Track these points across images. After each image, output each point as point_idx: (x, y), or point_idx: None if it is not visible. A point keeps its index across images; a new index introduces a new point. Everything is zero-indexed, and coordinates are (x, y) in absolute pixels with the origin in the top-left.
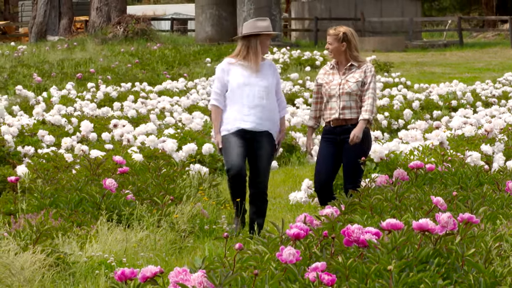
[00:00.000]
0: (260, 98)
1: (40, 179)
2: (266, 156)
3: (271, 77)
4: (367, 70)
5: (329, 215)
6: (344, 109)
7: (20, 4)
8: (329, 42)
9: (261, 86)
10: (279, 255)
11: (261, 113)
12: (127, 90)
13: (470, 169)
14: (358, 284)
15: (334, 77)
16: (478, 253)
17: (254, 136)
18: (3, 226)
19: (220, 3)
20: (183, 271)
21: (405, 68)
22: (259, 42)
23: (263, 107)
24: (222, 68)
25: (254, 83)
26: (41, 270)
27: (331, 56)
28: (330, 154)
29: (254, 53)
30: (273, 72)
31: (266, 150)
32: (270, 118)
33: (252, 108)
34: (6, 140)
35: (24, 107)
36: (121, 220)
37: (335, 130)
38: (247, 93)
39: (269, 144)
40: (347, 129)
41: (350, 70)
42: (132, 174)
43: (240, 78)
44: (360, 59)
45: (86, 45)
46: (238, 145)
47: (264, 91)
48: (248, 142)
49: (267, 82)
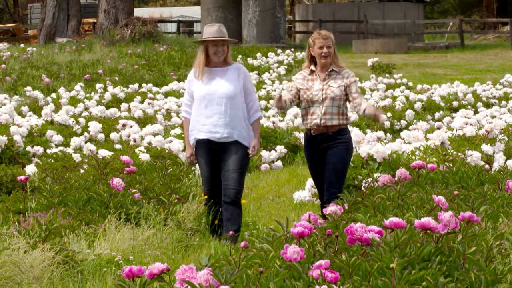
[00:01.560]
0: (219, 106)
1: (49, 178)
2: (234, 164)
3: (236, 82)
4: (350, 76)
5: (333, 213)
6: (325, 114)
7: (30, 7)
8: (328, 45)
9: (221, 93)
10: (284, 253)
11: (223, 121)
12: (134, 91)
13: (471, 169)
14: (361, 282)
15: (314, 83)
16: (479, 251)
17: (220, 145)
18: (12, 225)
19: (226, 5)
20: (189, 268)
21: (407, 69)
22: (203, 49)
23: (224, 115)
24: (189, 79)
25: (213, 91)
26: (50, 268)
27: (326, 61)
28: (319, 163)
29: (198, 61)
30: (238, 76)
31: (234, 158)
32: (235, 125)
33: (209, 118)
34: (15, 140)
35: (33, 108)
36: (128, 219)
37: (316, 139)
38: (205, 103)
39: (237, 151)
40: (329, 136)
41: (331, 75)
42: (139, 174)
43: (200, 87)
44: (341, 64)
45: (94, 47)
46: (206, 165)
47: (225, 97)
48: (217, 152)
49: (228, 88)
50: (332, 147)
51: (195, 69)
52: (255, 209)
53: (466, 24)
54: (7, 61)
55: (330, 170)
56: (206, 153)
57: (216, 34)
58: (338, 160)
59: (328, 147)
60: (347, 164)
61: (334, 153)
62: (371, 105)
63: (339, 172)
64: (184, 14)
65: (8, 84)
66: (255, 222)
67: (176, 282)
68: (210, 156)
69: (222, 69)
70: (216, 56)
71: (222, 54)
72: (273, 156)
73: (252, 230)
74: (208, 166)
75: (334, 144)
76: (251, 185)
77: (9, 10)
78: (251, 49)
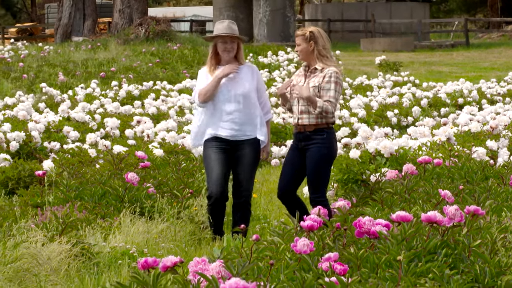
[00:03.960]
0: (237, 103)
1: (66, 173)
2: (249, 166)
3: (250, 81)
4: (327, 75)
5: (342, 207)
6: (302, 114)
7: (47, 7)
8: (297, 43)
9: (238, 91)
10: (294, 246)
11: (239, 120)
12: (149, 88)
13: (476, 164)
14: (369, 274)
15: (301, 79)
16: (484, 244)
17: (234, 144)
18: (30, 218)
19: (237, 5)
20: (202, 261)
21: (414, 67)
22: (211, 46)
23: (243, 113)
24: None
25: (230, 88)
26: (66, 260)
27: (300, 58)
28: (291, 161)
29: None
30: (252, 75)
31: (248, 158)
32: (250, 123)
33: (230, 114)
34: (33, 136)
35: (50, 105)
36: (143, 213)
37: (297, 136)
38: (223, 100)
39: (251, 151)
40: (307, 136)
41: (314, 73)
42: (153, 169)
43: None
44: (328, 62)
45: (109, 46)
46: (218, 162)
47: (242, 95)
48: (229, 151)
49: (245, 86)
50: (307, 149)
51: (208, 65)
52: (266, 203)
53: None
54: (25, 59)
55: (308, 178)
56: (220, 152)
57: (225, 31)
58: (309, 169)
59: (305, 147)
60: (320, 170)
61: (307, 160)
62: (307, 90)
63: (312, 181)
64: (197, 13)
65: (26, 82)
66: (266, 216)
67: (189, 274)
68: (224, 155)
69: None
70: (226, 53)
71: (231, 51)
72: (283, 151)
73: (263, 224)
74: (219, 165)
75: (310, 145)
76: (262, 180)
77: (26, 10)
78: (261, 48)
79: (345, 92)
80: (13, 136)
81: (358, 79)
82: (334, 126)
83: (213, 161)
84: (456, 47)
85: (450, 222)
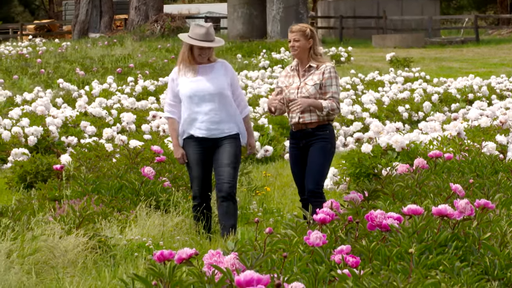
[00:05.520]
0: (212, 102)
1: (83, 167)
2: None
3: (224, 78)
4: (326, 71)
5: (354, 201)
6: (303, 113)
7: (64, 4)
8: (295, 39)
9: (212, 89)
10: (307, 238)
11: (219, 117)
12: (164, 84)
13: (486, 158)
14: (380, 266)
15: (294, 79)
16: (494, 237)
17: (214, 142)
18: (48, 211)
19: (251, 2)
20: (217, 253)
21: (425, 63)
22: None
23: (219, 111)
24: (172, 78)
25: (203, 87)
26: (83, 253)
27: (295, 55)
28: (298, 161)
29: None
30: (225, 72)
31: (228, 152)
32: (231, 120)
33: (206, 114)
34: (51, 130)
35: (67, 100)
36: (158, 206)
37: (297, 135)
38: (197, 101)
39: (231, 146)
40: (309, 133)
41: (309, 71)
42: (168, 163)
43: (187, 85)
44: (322, 59)
45: (125, 42)
46: (198, 162)
47: (217, 94)
48: (209, 150)
49: (218, 84)
50: (311, 145)
51: (179, 67)
52: (279, 196)
53: (481, 20)
54: (43, 55)
55: (308, 171)
56: (199, 152)
57: (204, 38)
58: (314, 160)
59: (308, 144)
60: (325, 163)
61: (311, 153)
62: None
63: (315, 173)
64: (211, 10)
65: (44, 78)
66: (279, 209)
67: (204, 266)
68: (203, 155)
69: (208, 66)
70: (201, 57)
71: (206, 56)
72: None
73: (276, 217)
74: (200, 166)
75: (313, 141)
76: (275, 174)
77: (44, 7)
78: (275, 44)
79: (357, 87)
80: (31, 130)
81: (370, 75)
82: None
83: (193, 161)
84: (466, 43)
85: (461, 216)
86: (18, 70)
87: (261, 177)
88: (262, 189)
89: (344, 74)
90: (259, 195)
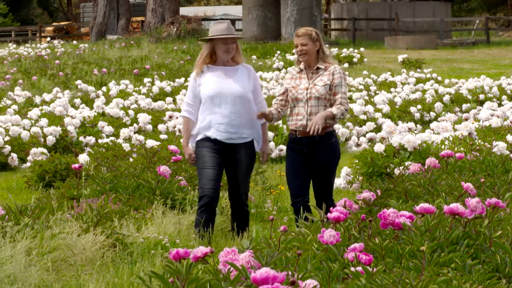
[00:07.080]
0: (233, 105)
1: (102, 167)
2: (246, 168)
3: (247, 82)
4: (335, 72)
5: (367, 199)
6: (311, 115)
7: (82, 6)
8: (302, 43)
9: (235, 92)
10: (321, 236)
11: (239, 121)
12: (180, 84)
13: (497, 158)
14: (393, 264)
15: (302, 81)
16: (505, 235)
17: (230, 147)
18: (67, 210)
19: (266, 4)
20: (232, 251)
21: (436, 64)
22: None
23: (239, 115)
24: (194, 78)
25: (226, 89)
26: (101, 250)
27: (304, 59)
28: (298, 165)
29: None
30: (249, 76)
31: (244, 162)
32: (248, 126)
33: (226, 116)
34: (69, 130)
35: (85, 100)
36: (174, 205)
37: (302, 141)
38: (218, 102)
39: (247, 155)
40: (316, 141)
41: (318, 73)
42: (184, 162)
43: (210, 85)
44: (329, 60)
45: (142, 44)
46: (212, 163)
47: (239, 96)
48: (224, 153)
49: (241, 87)
50: (318, 155)
51: (198, 67)
52: None
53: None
54: (61, 57)
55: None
56: (214, 152)
57: (226, 32)
58: (327, 172)
59: (313, 152)
60: (334, 175)
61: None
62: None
63: (329, 186)
64: (227, 12)
65: (62, 79)
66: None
67: (220, 264)
68: (219, 156)
69: (232, 68)
70: (227, 54)
71: (231, 52)
72: None
73: (290, 216)
74: (214, 166)
75: (320, 150)
76: None
77: (63, 9)
78: (289, 46)
79: (369, 88)
80: (50, 130)
81: (382, 76)
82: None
83: (207, 161)
84: (477, 44)
85: (472, 214)
86: (37, 71)
87: (275, 176)
88: (277, 188)
89: (357, 75)
90: (274, 194)
